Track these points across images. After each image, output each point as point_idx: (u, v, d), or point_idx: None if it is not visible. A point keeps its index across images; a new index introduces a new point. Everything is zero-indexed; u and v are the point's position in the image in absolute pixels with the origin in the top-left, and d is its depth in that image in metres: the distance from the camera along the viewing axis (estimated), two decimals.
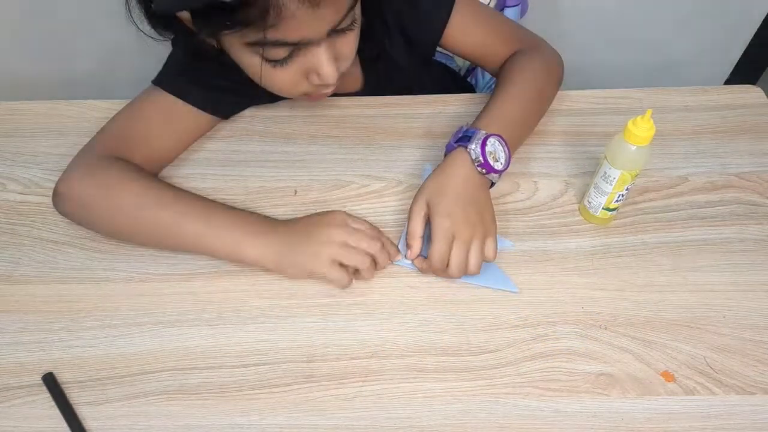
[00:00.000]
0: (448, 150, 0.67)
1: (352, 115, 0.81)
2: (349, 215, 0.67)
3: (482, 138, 0.65)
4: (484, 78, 1.06)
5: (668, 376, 0.60)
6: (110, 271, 0.67)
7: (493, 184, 0.67)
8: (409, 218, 0.65)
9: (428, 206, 0.64)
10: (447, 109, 0.82)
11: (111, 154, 0.69)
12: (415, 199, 0.65)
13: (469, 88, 1.05)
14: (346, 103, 0.82)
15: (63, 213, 0.69)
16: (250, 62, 0.62)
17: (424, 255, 0.65)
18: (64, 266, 0.68)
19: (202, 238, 0.64)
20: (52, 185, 0.74)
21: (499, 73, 0.79)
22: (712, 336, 0.62)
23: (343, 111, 0.82)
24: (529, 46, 0.79)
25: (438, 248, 0.62)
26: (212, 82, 0.73)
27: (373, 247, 0.64)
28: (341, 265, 0.63)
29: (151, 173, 0.72)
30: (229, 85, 0.74)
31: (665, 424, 0.57)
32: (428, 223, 0.64)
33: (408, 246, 0.65)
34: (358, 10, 0.63)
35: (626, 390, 0.59)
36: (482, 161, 0.64)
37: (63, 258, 0.68)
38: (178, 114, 0.74)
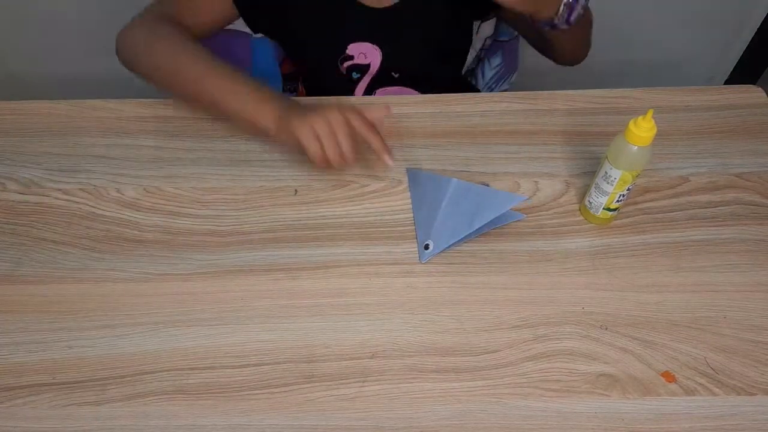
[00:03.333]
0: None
1: None
2: (354, 108, 0.70)
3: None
4: (484, 78, 1.06)
5: (669, 376, 0.60)
6: (110, 271, 0.67)
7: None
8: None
9: None
10: (447, 109, 0.82)
11: (163, 13, 0.78)
12: None
13: (470, 88, 1.05)
14: (345, 103, 0.82)
15: (122, 61, 0.79)
16: None
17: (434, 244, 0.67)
18: (64, 266, 0.68)
19: (218, 103, 0.73)
20: (53, 185, 0.74)
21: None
22: (712, 336, 0.62)
23: None
24: None
25: None
26: None
27: (344, 143, 0.68)
28: (318, 139, 0.68)
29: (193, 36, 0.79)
30: None
31: (666, 425, 0.57)
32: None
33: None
34: None
35: (627, 390, 0.59)
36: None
37: (63, 258, 0.68)
38: (218, 2, 0.81)
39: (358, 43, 0.84)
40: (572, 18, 0.71)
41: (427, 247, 0.68)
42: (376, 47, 0.84)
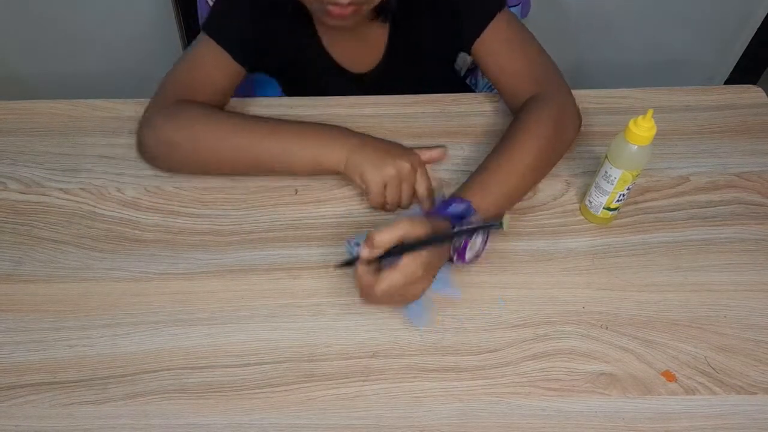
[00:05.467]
0: (440, 214, 0.64)
1: (352, 115, 0.81)
2: (421, 164, 0.71)
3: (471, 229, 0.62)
4: (483, 79, 1.06)
5: (669, 375, 0.60)
6: (110, 270, 0.67)
7: (451, 259, 0.65)
8: (392, 227, 0.59)
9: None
10: (447, 109, 0.82)
11: (178, 99, 0.74)
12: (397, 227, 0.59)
13: (468, 90, 1.04)
14: (346, 102, 0.83)
15: (150, 159, 0.75)
16: None
17: None
18: (64, 266, 0.68)
19: (281, 156, 0.71)
20: (53, 185, 0.74)
21: (512, 123, 0.73)
22: (713, 336, 0.62)
23: (343, 111, 0.82)
24: (549, 93, 0.74)
25: (391, 277, 0.59)
26: (247, 30, 0.77)
27: (406, 197, 0.70)
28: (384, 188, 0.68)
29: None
30: (260, 33, 0.77)
31: (666, 424, 0.57)
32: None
33: (367, 243, 0.59)
34: None
35: (627, 390, 0.59)
36: (459, 250, 0.62)
37: (63, 258, 0.68)
38: (222, 60, 0.76)
39: None
40: (467, 259, 0.64)
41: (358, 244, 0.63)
42: None
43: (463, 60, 1.02)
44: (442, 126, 0.80)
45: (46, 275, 0.67)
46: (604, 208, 0.68)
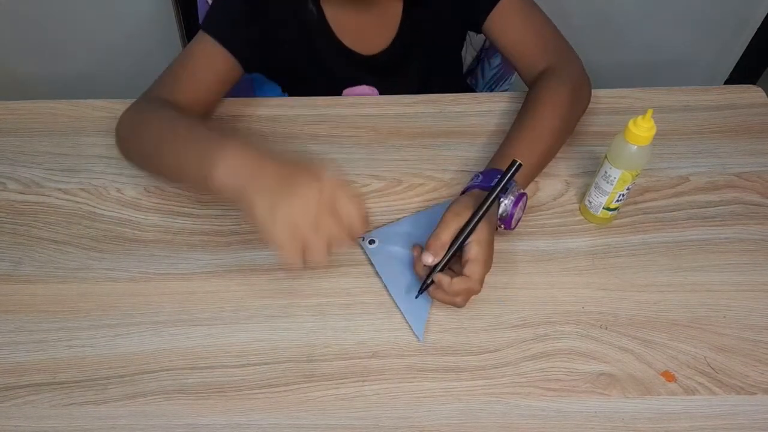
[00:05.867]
0: (483, 188, 0.64)
1: (352, 114, 0.81)
2: (339, 182, 0.55)
3: (516, 195, 0.63)
4: (484, 78, 1.06)
5: (669, 376, 0.60)
6: (110, 271, 0.67)
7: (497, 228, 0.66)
8: (443, 225, 0.60)
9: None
10: (447, 109, 0.82)
11: (163, 95, 0.72)
12: (454, 212, 0.61)
13: (469, 90, 1.04)
14: (346, 102, 0.82)
15: (120, 151, 0.73)
16: None
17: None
18: (64, 266, 0.68)
19: (173, 160, 0.63)
20: (53, 185, 0.74)
21: (528, 94, 0.76)
22: (712, 336, 0.62)
23: (343, 111, 0.82)
24: (561, 64, 0.77)
25: (478, 270, 0.60)
26: (247, 22, 0.75)
27: (340, 241, 0.54)
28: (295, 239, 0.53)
29: (197, 114, 0.73)
30: (261, 25, 0.76)
31: (666, 424, 0.57)
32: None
33: (430, 249, 0.60)
34: None
35: (627, 390, 0.59)
36: (507, 217, 0.63)
37: (63, 258, 0.68)
38: (218, 58, 0.75)
39: (353, 87, 0.85)
40: (513, 225, 0.65)
41: (372, 242, 0.68)
42: (373, 88, 0.85)
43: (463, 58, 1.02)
44: (442, 126, 0.80)
45: (46, 275, 0.67)
46: (603, 208, 0.68)
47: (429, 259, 0.60)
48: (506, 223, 0.64)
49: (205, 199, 0.73)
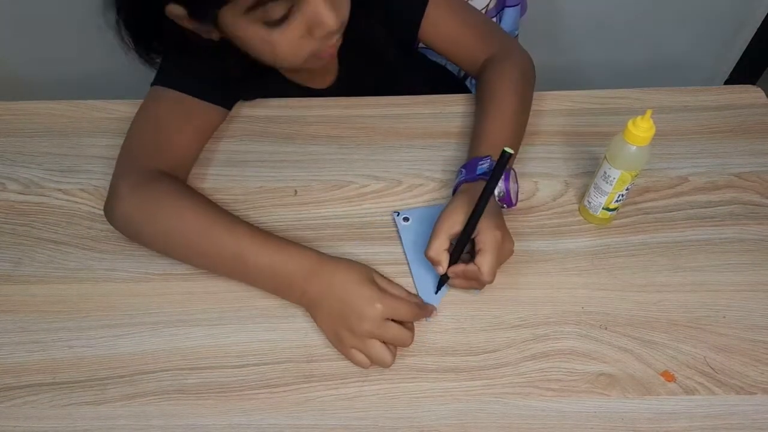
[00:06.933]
0: (470, 180, 0.66)
1: (351, 115, 0.81)
2: (379, 280, 0.63)
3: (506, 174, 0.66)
4: None
5: (668, 376, 0.60)
6: (110, 271, 0.67)
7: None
8: (434, 236, 0.62)
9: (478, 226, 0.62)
10: (447, 109, 0.82)
11: (146, 167, 0.68)
12: (446, 220, 0.63)
13: (466, 91, 1.04)
14: (345, 102, 0.83)
15: (117, 229, 0.68)
16: (253, 33, 0.63)
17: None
18: (64, 266, 0.68)
19: (235, 258, 0.63)
20: (53, 185, 0.74)
21: (480, 84, 0.79)
22: (712, 336, 0.62)
23: (342, 111, 0.82)
24: (503, 49, 0.80)
25: (490, 260, 0.61)
26: (212, 75, 0.73)
27: (412, 315, 0.61)
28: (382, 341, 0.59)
29: (185, 177, 0.73)
30: (229, 76, 0.74)
31: (665, 424, 0.57)
32: None
33: (432, 262, 0.63)
34: None
35: (626, 390, 0.59)
36: (505, 195, 0.66)
37: (63, 258, 0.68)
38: (189, 109, 0.73)
39: None
40: (514, 200, 0.69)
41: (406, 219, 0.70)
42: None
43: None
44: (441, 126, 0.80)
45: (46, 276, 0.67)
46: (603, 208, 0.68)
47: (439, 269, 0.63)
48: (507, 201, 0.66)
49: None
